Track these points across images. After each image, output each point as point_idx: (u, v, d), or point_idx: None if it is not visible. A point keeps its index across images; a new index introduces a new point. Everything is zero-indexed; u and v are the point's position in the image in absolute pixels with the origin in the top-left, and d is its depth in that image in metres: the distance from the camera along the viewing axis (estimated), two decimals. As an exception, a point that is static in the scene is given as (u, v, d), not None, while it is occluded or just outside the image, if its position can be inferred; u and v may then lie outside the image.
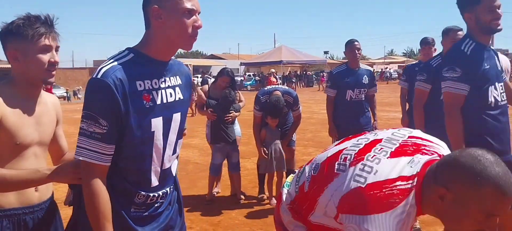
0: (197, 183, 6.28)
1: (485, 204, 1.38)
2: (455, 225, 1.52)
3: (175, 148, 1.77)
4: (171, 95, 1.70)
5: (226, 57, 73.85)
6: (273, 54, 31.39)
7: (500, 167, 1.37)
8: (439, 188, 1.45)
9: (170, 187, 1.82)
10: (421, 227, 4.46)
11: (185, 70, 1.84)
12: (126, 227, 1.65)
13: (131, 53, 1.64)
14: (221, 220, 4.80)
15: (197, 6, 1.62)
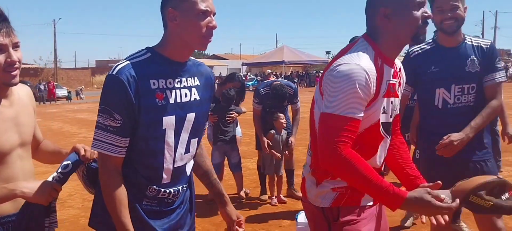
0: (199, 183, 6.22)
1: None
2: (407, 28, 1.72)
3: (188, 147, 1.79)
4: (186, 95, 1.73)
5: (228, 58, 73.95)
6: (275, 54, 31.37)
7: None
8: (380, 10, 1.72)
9: (183, 185, 1.85)
10: (422, 228, 4.46)
11: (205, 71, 1.86)
12: (138, 218, 1.70)
13: (148, 53, 1.69)
14: (223, 220, 4.80)
15: (212, 7, 1.65)
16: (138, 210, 1.71)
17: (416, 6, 1.71)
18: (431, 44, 2.83)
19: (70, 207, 5.40)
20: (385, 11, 1.72)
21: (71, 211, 5.27)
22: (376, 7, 1.76)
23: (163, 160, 1.72)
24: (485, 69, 2.70)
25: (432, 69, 2.74)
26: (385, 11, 1.72)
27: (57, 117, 18.24)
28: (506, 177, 6.44)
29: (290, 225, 4.58)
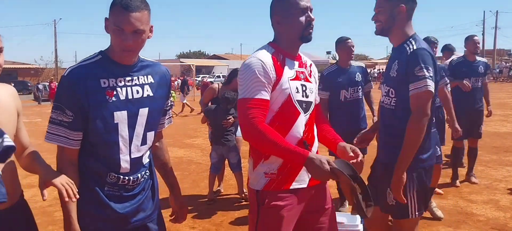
0: (199, 183, 6.29)
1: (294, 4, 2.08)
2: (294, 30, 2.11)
3: (144, 139, 1.97)
4: (138, 92, 1.92)
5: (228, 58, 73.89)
6: (275, 54, 31.36)
7: None
8: (273, 18, 2.17)
9: (141, 173, 2.02)
10: (423, 228, 4.46)
11: (160, 71, 2.05)
12: (100, 201, 1.90)
13: (99, 55, 1.89)
14: (224, 220, 4.81)
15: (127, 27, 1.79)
16: (100, 195, 1.89)
17: (300, 12, 2.09)
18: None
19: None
20: (277, 19, 2.15)
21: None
22: (271, 17, 2.18)
23: (119, 151, 1.89)
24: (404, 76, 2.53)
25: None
26: (276, 18, 2.15)
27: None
28: (507, 177, 6.47)
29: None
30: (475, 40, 5.80)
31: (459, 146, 5.97)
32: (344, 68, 4.91)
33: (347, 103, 4.85)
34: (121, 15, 1.77)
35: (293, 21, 2.10)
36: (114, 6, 1.80)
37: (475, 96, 5.80)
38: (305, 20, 2.10)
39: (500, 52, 61.14)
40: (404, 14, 2.62)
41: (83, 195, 1.83)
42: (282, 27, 2.14)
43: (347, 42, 4.86)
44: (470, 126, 5.78)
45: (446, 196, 5.47)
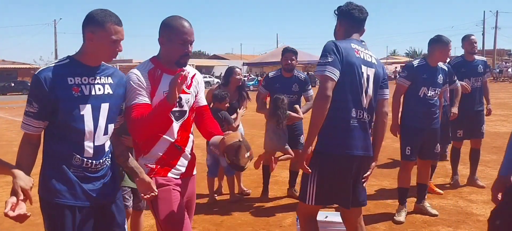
0: (199, 183, 6.28)
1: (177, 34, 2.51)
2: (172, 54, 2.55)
3: (106, 130, 2.35)
4: (100, 89, 2.31)
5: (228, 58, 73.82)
6: (276, 54, 31.37)
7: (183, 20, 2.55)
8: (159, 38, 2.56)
9: (103, 159, 2.37)
10: (423, 228, 4.47)
11: (118, 74, 2.46)
12: (68, 180, 2.26)
13: (68, 59, 2.28)
14: (224, 220, 4.82)
15: (121, 36, 2.29)
16: (68, 173, 2.26)
17: (181, 43, 2.52)
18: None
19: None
20: (161, 39, 2.56)
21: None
22: (159, 35, 2.57)
23: (84, 138, 2.26)
24: None
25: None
26: (161, 39, 2.56)
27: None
28: (507, 177, 6.43)
29: (290, 225, 4.59)
30: (472, 40, 5.80)
31: (458, 146, 5.97)
32: None
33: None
34: (118, 28, 2.24)
35: (173, 47, 2.54)
36: (107, 22, 2.21)
37: (475, 97, 5.79)
38: (183, 50, 2.54)
39: (500, 52, 61.09)
40: (342, 30, 3.06)
41: (52, 175, 2.24)
42: (164, 48, 2.57)
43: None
44: (471, 126, 5.78)
45: (446, 196, 5.47)
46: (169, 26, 2.53)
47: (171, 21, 2.54)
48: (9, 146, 9.98)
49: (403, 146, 4.74)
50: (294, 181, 5.66)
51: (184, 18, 2.57)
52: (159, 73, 2.56)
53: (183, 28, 2.52)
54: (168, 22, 2.55)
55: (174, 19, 2.54)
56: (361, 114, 2.86)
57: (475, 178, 5.96)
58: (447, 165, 7.02)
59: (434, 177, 5.82)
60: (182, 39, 2.52)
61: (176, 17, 2.56)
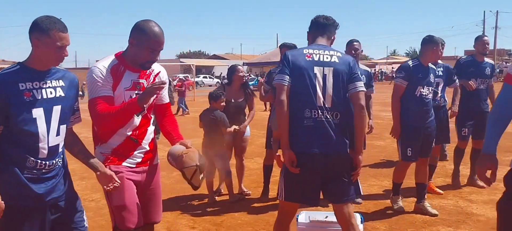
0: (199, 183, 6.29)
1: (149, 41, 2.66)
2: (140, 57, 2.70)
3: (58, 131, 2.43)
4: (52, 93, 2.40)
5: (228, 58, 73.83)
6: (275, 54, 31.38)
7: (158, 27, 2.68)
8: (130, 37, 2.69)
9: (56, 160, 2.46)
10: (423, 228, 4.47)
11: (69, 76, 2.55)
12: (20, 182, 2.32)
13: (18, 66, 2.36)
14: (224, 220, 4.82)
15: (67, 42, 2.35)
16: (21, 177, 2.32)
17: (149, 49, 2.67)
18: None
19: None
20: (132, 41, 2.69)
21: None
22: (130, 35, 2.69)
23: (38, 141, 2.34)
24: None
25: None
26: (132, 41, 2.69)
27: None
28: (507, 177, 6.42)
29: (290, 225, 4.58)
30: (484, 41, 5.80)
31: (463, 146, 5.95)
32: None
33: None
34: (62, 35, 2.31)
35: (142, 52, 2.69)
36: (52, 30, 2.28)
37: (480, 98, 5.77)
38: (151, 57, 2.72)
39: (500, 52, 61.12)
40: (310, 37, 3.29)
41: (4, 179, 2.30)
42: (133, 49, 2.71)
43: (353, 44, 5.15)
44: (476, 126, 5.78)
45: (446, 196, 5.47)
46: (142, 32, 2.67)
47: (145, 27, 2.67)
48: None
49: (404, 147, 4.77)
50: None
51: (158, 25, 2.70)
52: (122, 70, 2.72)
53: (155, 37, 2.67)
54: (142, 27, 2.68)
55: (148, 26, 2.67)
56: (316, 113, 2.99)
57: (475, 178, 5.95)
58: (447, 165, 7.03)
59: (434, 177, 5.82)
60: (152, 47, 2.68)
61: (151, 24, 2.69)
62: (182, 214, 5.02)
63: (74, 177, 2.40)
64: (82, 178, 6.37)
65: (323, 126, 3.00)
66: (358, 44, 5.22)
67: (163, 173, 7.71)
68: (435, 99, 5.37)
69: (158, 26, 2.70)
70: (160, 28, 2.70)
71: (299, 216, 3.70)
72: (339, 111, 3.04)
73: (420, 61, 4.78)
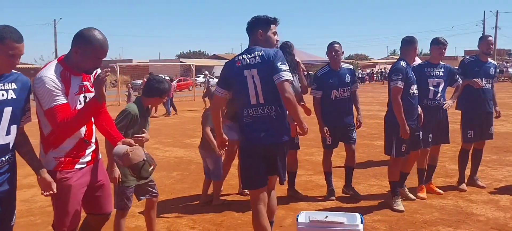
0: (199, 183, 6.27)
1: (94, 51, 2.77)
2: (85, 64, 2.79)
3: (8, 131, 2.61)
4: (4, 95, 2.57)
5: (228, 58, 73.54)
6: (275, 54, 31.28)
7: (101, 35, 2.78)
8: (75, 45, 2.77)
9: (5, 157, 2.64)
10: (423, 228, 4.47)
11: (22, 79, 2.71)
12: None
13: None
14: (224, 220, 4.81)
15: (20, 52, 2.53)
16: None
17: (94, 58, 2.79)
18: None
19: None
20: (76, 49, 2.77)
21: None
22: (74, 43, 2.78)
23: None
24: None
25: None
26: (77, 49, 2.77)
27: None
28: (507, 177, 6.46)
29: (290, 225, 4.58)
30: (489, 41, 5.78)
31: (468, 148, 5.91)
32: (335, 71, 5.43)
33: (337, 102, 5.40)
34: (16, 45, 2.48)
35: (87, 61, 2.79)
36: (6, 39, 2.44)
37: (485, 98, 5.75)
38: (95, 63, 2.82)
39: (500, 52, 61.14)
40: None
41: None
42: (78, 57, 2.78)
43: (333, 46, 5.41)
44: (481, 127, 5.77)
45: (446, 196, 5.47)
46: (88, 42, 2.74)
47: (91, 37, 2.75)
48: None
49: (399, 144, 4.98)
50: (293, 180, 5.66)
51: (102, 33, 2.80)
52: (68, 75, 2.80)
53: (101, 47, 2.77)
54: (87, 36, 2.75)
55: (94, 36, 2.76)
56: (254, 111, 3.39)
57: (475, 178, 5.95)
58: (447, 165, 7.03)
59: (434, 177, 5.82)
60: (98, 55, 2.79)
61: (95, 33, 2.77)
62: (182, 214, 5.02)
63: (74, 177, 2.43)
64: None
65: (261, 121, 3.40)
66: (338, 46, 5.42)
67: (163, 173, 7.78)
68: (435, 99, 5.39)
69: (102, 34, 2.80)
70: (104, 36, 2.80)
71: (299, 216, 3.70)
72: (273, 104, 3.39)
73: (407, 62, 5.05)
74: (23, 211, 4.73)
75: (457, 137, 6.01)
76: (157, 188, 4.00)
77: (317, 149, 8.48)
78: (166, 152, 9.07)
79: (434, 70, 5.43)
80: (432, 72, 5.42)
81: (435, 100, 5.40)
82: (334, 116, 5.39)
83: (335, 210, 4.96)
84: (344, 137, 5.50)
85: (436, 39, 5.47)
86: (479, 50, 5.83)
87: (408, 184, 5.80)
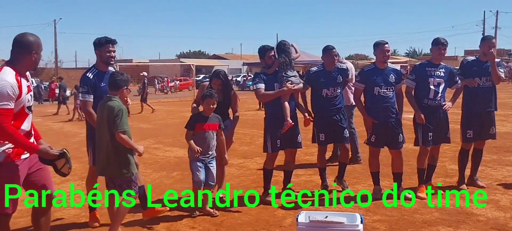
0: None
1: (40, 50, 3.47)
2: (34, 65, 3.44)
3: None
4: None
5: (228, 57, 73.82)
6: (275, 54, 31.32)
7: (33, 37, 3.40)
8: (31, 51, 3.36)
9: None
10: (423, 228, 4.47)
11: None
12: None
13: None
14: (224, 220, 4.82)
15: None
16: None
17: (40, 55, 3.45)
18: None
19: (71, 207, 5.41)
20: (34, 54, 3.39)
21: (72, 211, 5.28)
22: (29, 49, 3.36)
23: None
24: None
25: None
26: (34, 54, 3.39)
27: (57, 117, 18.26)
28: (507, 177, 6.45)
29: (290, 225, 4.59)
30: (490, 44, 5.70)
31: (467, 148, 5.91)
32: (328, 71, 5.58)
33: (328, 99, 5.56)
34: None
35: (37, 59, 3.43)
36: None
37: (485, 98, 5.73)
38: (35, 63, 3.45)
39: (500, 52, 61.11)
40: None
41: None
42: (29, 59, 3.36)
43: (331, 51, 5.58)
44: (481, 127, 5.77)
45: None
46: (39, 44, 3.41)
47: (37, 39, 3.41)
48: (9, 146, 9.96)
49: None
50: (288, 180, 5.64)
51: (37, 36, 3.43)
52: (20, 79, 3.29)
53: (41, 47, 3.45)
54: (37, 40, 3.41)
55: (34, 38, 3.39)
56: None
57: (475, 178, 5.95)
58: (447, 165, 7.03)
59: (434, 177, 5.82)
60: (40, 53, 3.44)
61: (34, 36, 3.41)
62: (182, 214, 5.02)
63: (74, 177, 2.41)
64: (82, 178, 6.26)
65: None
66: (336, 50, 5.65)
67: (163, 173, 7.77)
68: (436, 99, 5.40)
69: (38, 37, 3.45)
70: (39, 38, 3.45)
71: (299, 216, 3.70)
72: None
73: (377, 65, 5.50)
74: (24, 211, 4.73)
75: (457, 137, 6.01)
76: (157, 188, 4.00)
77: (317, 149, 8.45)
78: (166, 152, 9.09)
79: (435, 70, 5.45)
80: (433, 72, 5.44)
81: (435, 100, 5.41)
82: (325, 113, 5.60)
83: (335, 210, 4.97)
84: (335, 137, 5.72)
85: (437, 40, 5.48)
86: (480, 50, 5.82)
87: (408, 184, 5.81)
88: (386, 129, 5.38)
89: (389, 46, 5.44)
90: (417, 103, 5.52)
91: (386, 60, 5.43)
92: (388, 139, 5.43)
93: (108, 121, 3.95)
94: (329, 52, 5.55)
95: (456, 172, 6.07)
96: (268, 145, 5.31)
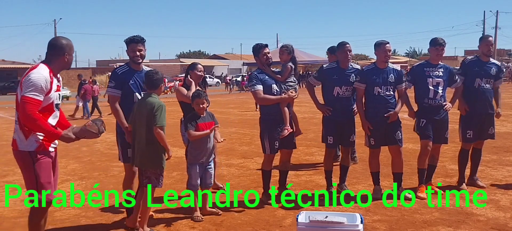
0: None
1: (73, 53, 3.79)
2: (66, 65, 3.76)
3: None
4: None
5: (228, 57, 73.86)
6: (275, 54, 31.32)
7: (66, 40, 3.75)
8: (62, 54, 3.68)
9: None
10: (423, 228, 4.47)
11: None
12: None
13: None
14: (224, 220, 4.81)
15: None
16: None
17: (72, 58, 3.77)
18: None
19: (71, 207, 5.41)
20: (67, 55, 3.70)
21: (72, 211, 5.28)
22: (61, 52, 3.66)
23: None
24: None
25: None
26: (67, 55, 3.70)
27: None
28: (507, 177, 6.45)
29: (290, 225, 4.59)
30: (488, 42, 5.76)
31: (467, 148, 5.90)
32: (343, 69, 5.49)
33: (340, 98, 5.46)
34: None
35: (70, 61, 3.76)
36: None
37: (485, 99, 5.74)
38: (68, 64, 3.78)
39: (500, 52, 61.15)
40: None
41: None
42: (64, 60, 3.70)
43: (345, 46, 5.45)
44: (480, 128, 5.76)
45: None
46: (71, 47, 3.72)
47: (69, 43, 3.73)
48: (9, 145, 9.97)
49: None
50: (284, 180, 5.63)
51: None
52: (52, 76, 3.59)
53: (73, 49, 3.75)
54: (69, 43, 3.72)
55: (66, 42, 3.71)
56: None
57: (475, 178, 5.95)
58: (447, 165, 7.03)
59: (434, 177, 5.82)
60: (72, 57, 3.76)
61: (67, 39, 3.75)
62: (182, 214, 5.02)
63: (74, 177, 2.41)
64: (82, 178, 6.30)
65: None
66: (350, 46, 5.52)
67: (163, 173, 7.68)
68: (436, 99, 5.40)
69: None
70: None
71: (299, 216, 3.70)
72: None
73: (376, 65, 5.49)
74: (24, 210, 4.73)
75: (457, 137, 6.01)
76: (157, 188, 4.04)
77: (317, 149, 8.50)
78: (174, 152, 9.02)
79: (434, 70, 5.45)
80: (431, 72, 5.44)
81: (435, 100, 5.41)
82: (337, 112, 5.49)
83: (335, 210, 4.96)
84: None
85: (434, 40, 5.48)
86: (479, 50, 5.83)
87: (408, 184, 5.81)
88: (384, 126, 5.37)
89: (390, 46, 5.41)
90: (418, 103, 5.53)
91: (387, 60, 5.41)
92: (387, 136, 5.41)
93: (147, 115, 4.18)
94: (342, 47, 5.45)
95: (456, 172, 6.07)
96: (266, 147, 5.29)
